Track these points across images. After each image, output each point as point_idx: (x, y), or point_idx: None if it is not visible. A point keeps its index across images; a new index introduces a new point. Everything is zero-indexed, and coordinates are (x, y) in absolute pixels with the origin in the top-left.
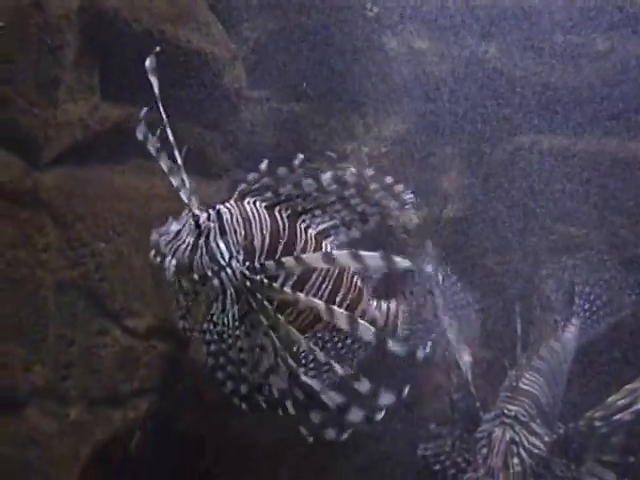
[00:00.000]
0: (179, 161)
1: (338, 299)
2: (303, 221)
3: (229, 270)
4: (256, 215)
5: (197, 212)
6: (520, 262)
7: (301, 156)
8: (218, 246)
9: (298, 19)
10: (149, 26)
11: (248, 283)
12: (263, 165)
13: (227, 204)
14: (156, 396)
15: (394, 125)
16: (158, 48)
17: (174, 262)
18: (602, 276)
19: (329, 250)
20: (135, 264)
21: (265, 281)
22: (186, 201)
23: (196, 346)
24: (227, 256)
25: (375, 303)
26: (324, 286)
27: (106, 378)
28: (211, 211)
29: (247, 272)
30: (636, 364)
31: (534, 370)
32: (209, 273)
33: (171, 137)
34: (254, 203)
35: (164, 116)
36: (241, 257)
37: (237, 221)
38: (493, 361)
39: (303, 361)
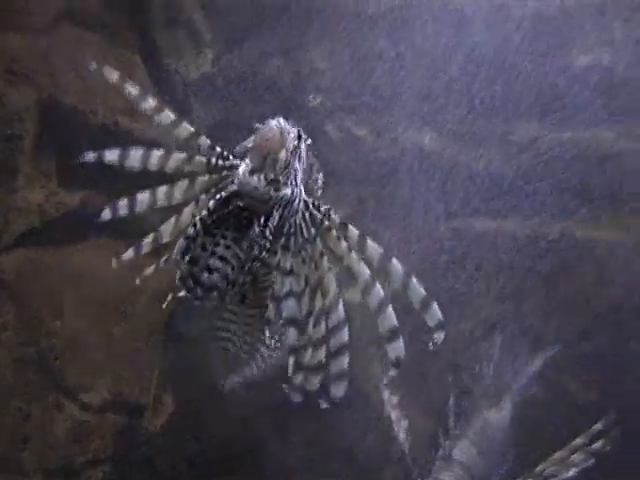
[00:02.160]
0: None
1: None
2: None
3: (299, 190)
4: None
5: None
6: (454, 336)
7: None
8: (300, 162)
9: (245, 108)
10: (104, 118)
11: (307, 214)
12: None
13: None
14: (110, 466)
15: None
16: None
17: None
18: (532, 349)
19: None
20: (90, 341)
21: (326, 222)
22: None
23: (150, 415)
24: (300, 177)
25: None
26: None
27: (61, 450)
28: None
29: (311, 204)
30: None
31: (468, 441)
32: (288, 181)
33: None
34: None
35: None
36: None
37: (308, 156)
38: (429, 430)
39: None
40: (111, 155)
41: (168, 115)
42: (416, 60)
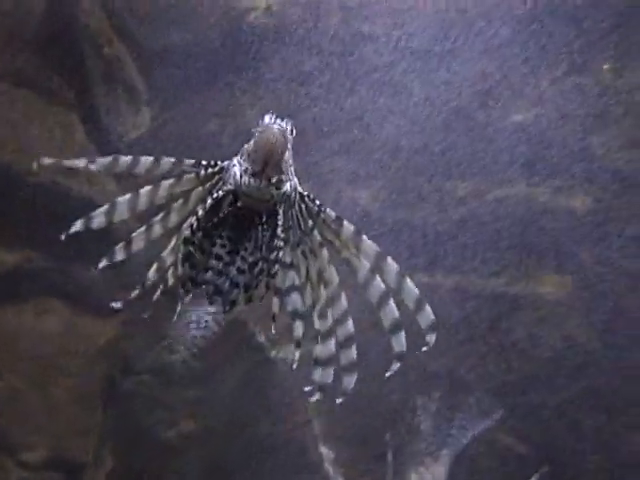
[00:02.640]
0: None
1: None
2: None
3: (294, 181)
4: None
5: None
6: (393, 393)
7: None
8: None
9: None
10: (43, 178)
11: (303, 206)
12: None
13: None
14: None
15: None
16: None
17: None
18: (470, 405)
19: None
20: (30, 399)
21: (322, 214)
22: None
23: (89, 473)
24: (293, 169)
25: None
26: None
27: None
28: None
29: (305, 196)
30: None
31: None
32: (284, 177)
33: None
34: None
35: None
36: None
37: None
38: None
39: None
40: (98, 219)
41: (146, 159)
42: (351, 122)
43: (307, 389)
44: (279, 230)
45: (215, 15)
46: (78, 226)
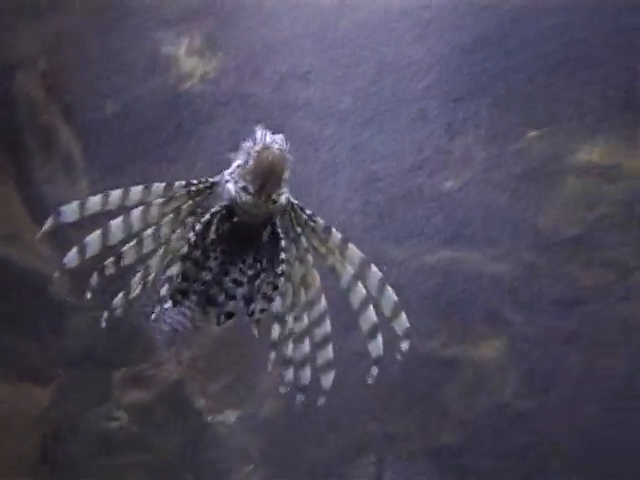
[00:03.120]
0: None
1: None
2: None
3: (287, 194)
4: None
5: None
6: (330, 459)
7: None
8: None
9: None
10: None
11: (293, 214)
12: None
13: None
14: None
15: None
16: None
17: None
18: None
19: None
20: None
21: (311, 223)
22: None
23: None
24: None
25: None
26: None
27: None
28: None
29: (296, 205)
30: None
31: None
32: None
33: None
34: None
35: None
36: None
37: None
38: None
39: None
40: (92, 245)
41: (136, 190)
42: (295, 186)
43: (283, 391)
44: (283, 243)
45: (151, 84)
46: (73, 257)
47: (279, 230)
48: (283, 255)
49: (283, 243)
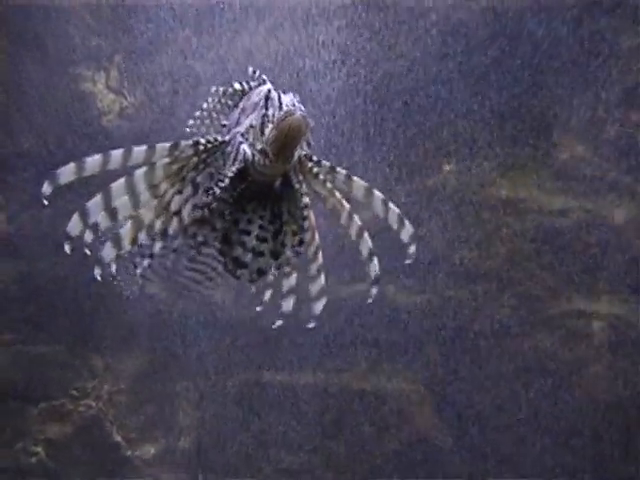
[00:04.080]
0: None
1: None
2: None
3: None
4: None
5: None
6: None
7: None
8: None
9: (41, 264)
10: None
11: (299, 165)
12: None
13: None
14: None
15: (133, 361)
16: None
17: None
18: None
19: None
20: None
21: (315, 169)
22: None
23: None
24: None
25: None
26: None
27: None
28: None
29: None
30: None
31: None
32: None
33: None
34: None
35: None
36: None
37: None
38: None
39: None
40: (94, 207)
41: (140, 150)
42: None
43: (279, 323)
44: (304, 199)
45: (71, 118)
46: (76, 224)
47: (293, 179)
48: (305, 200)
49: (303, 188)
